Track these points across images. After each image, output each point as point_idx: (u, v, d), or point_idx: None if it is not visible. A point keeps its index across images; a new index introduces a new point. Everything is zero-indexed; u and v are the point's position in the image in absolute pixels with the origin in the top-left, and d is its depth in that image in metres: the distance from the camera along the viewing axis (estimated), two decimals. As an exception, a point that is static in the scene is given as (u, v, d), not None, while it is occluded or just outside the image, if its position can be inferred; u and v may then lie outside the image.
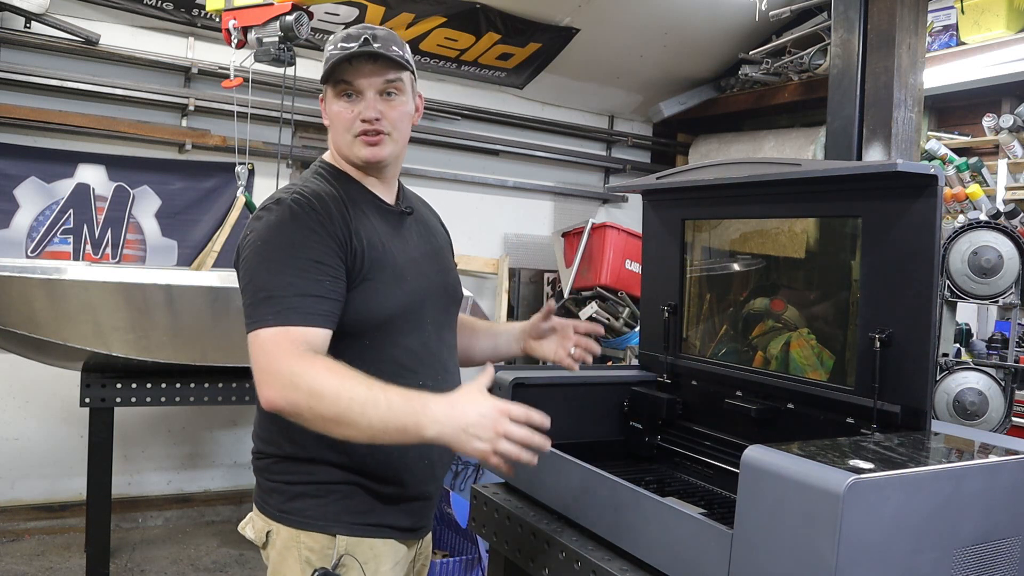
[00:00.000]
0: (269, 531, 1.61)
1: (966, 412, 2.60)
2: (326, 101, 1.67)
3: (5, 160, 4.30)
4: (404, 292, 1.60)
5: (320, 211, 1.53)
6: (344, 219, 1.55)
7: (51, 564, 3.94)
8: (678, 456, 2.08)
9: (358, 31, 1.62)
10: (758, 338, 2.06)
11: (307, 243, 1.49)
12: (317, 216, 1.52)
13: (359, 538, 1.57)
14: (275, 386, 1.39)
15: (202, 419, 4.87)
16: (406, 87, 1.66)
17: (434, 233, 1.83)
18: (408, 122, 1.68)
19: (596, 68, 5.69)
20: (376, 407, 1.34)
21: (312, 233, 1.50)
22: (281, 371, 1.38)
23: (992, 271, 2.56)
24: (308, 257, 1.48)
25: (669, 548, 1.42)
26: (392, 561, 1.62)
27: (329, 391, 1.35)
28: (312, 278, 1.46)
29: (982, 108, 4.73)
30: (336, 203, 1.57)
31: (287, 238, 1.49)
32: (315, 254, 1.48)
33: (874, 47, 3.04)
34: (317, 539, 1.56)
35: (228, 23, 2.82)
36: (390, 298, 1.58)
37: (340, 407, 1.35)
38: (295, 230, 1.50)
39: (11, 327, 3.15)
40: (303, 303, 1.44)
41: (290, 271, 1.46)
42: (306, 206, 1.53)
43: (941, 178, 1.49)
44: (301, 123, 4.98)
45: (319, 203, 1.54)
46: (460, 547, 3.68)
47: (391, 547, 1.62)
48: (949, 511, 1.25)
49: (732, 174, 1.79)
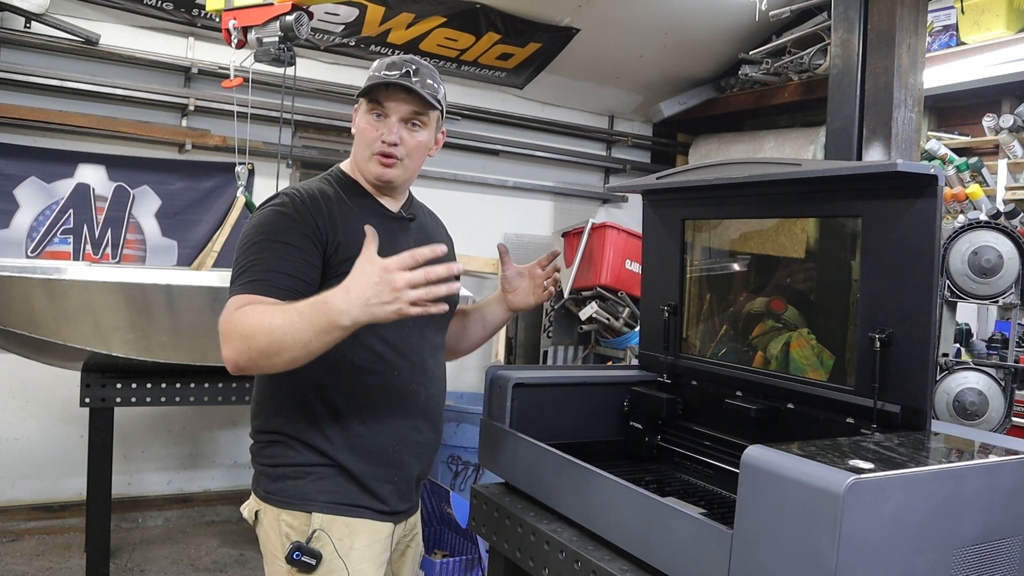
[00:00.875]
0: (258, 511, 1.77)
1: (966, 412, 2.60)
2: (358, 114, 1.81)
3: (5, 160, 4.30)
4: None
5: (307, 205, 1.68)
6: (331, 215, 1.69)
7: (51, 564, 3.94)
8: (678, 456, 2.09)
9: (403, 61, 1.76)
10: (758, 338, 2.06)
11: (284, 228, 1.63)
12: (303, 208, 1.67)
13: (334, 516, 1.70)
14: (224, 343, 1.53)
15: (202, 419, 4.87)
16: (430, 122, 1.80)
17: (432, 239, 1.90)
18: (423, 153, 1.83)
19: (596, 68, 5.69)
20: (293, 323, 1.45)
21: (292, 221, 1.64)
22: (225, 329, 1.53)
23: (992, 271, 2.56)
24: (281, 240, 1.62)
25: (669, 548, 1.42)
26: (368, 539, 1.74)
27: (257, 327, 1.48)
28: (280, 256, 1.61)
29: (982, 108, 4.73)
30: (327, 201, 1.72)
31: (269, 225, 1.65)
32: (288, 237, 1.62)
33: (874, 47, 3.04)
34: (296, 516, 1.70)
35: (228, 23, 2.82)
36: None
37: (271, 337, 1.47)
38: (277, 219, 1.65)
39: (11, 327, 3.15)
40: (266, 276, 1.59)
41: (262, 250, 1.62)
42: (296, 199, 1.69)
43: (941, 178, 1.49)
44: (301, 123, 4.98)
45: (310, 199, 1.69)
46: (460, 547, 3.68)
47: (367, 526, 1.74)
48: (949, 511, 1.25)
49: (732, 174, 1.79)
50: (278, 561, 1.71)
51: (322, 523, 1.69)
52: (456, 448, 4.37)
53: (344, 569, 1.69)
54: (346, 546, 1.70)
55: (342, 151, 5.14)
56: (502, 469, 1.98)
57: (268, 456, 1.75)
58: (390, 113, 1.74)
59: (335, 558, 1.68)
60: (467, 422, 4.34)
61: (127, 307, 3.21)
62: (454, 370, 5.57)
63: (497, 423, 2.00)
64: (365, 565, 1.72)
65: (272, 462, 1.74)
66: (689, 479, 2.03)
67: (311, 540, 1.68)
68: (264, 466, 1.76)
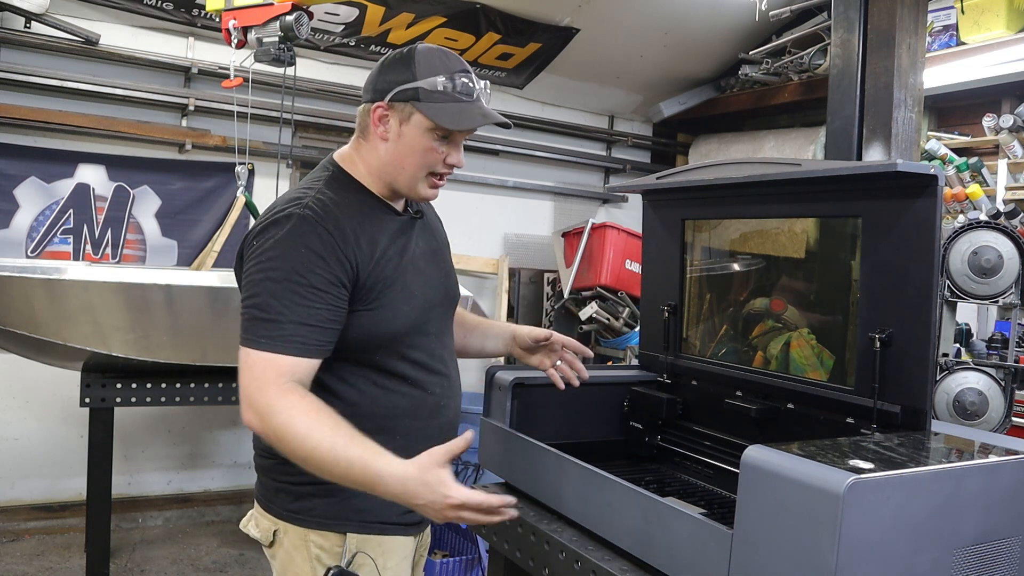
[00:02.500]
0: (276, 530, 1.62)
1: (966, 412, 2.60)
2: (408, 125, 1.57)
3: (5, 160, 4.29)
4: (412, 308, 1.61)
5: (329, 231, 1.50)
6: (355, 237, 1.53)
7: (51, 564, 3.94)
8: (678, 456, 2.08)
9: (468, 74, 1.59)
10: (758, 338, 2.06)
11: (312, 268, 1.47)
12: (326, 237, 1.50)
13: (368, 535, 1.60)
14: (252, 413, 1.44)
15: (202, 419, 4.87)
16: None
17: (436, 235, 1.83)
18: None
19: (596, 68, 5.69)
20: (335, 466, 1.38)
21: (318, 258, 1.48)
22: (261, 402, 1.42)
23: (992, 271, 2.56)
24: (311, 284, 1.47)
25: (669, 548, 1.42)
26: (400, 556, 1.65)
27: (294, 439, 1.39)
28: (311, 306, 1.46)
29: (982, 108, 4.73)
30: (347, 218, 1.54)
31: (292, 260, 1.48)
32: (318, 281, 1.47)
33: (874, 47, 3.04)
34: (328, 537, 1.59)
35: (228, 23, 2.82)
36: (399, 315, 1.58)
37: (301, 456, 1.40)
38: (301, 251, 1.48)
39: (11, 327, 3.14)
40: (298, 332, 1.45)
41: (292, 296, 1.46)
42: (316, 224, 1.50)
43: (941, 178, 1.49)
44: (301, 123, 4.98)
45: (330, 221, 1.51)
46: (460, 547, 3.68)
47: (398, 543, 1.65)
48: (949, 511, 1.25)
49: (732, 174, 1.79)
50: None
51: (358, 543, 1.58)
52: (456, 448, 4.36)
53: None
54: (381, 565, 1.61)
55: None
56: (502, 469, 1.98)
57: (289, 473, 1.56)
58: (461, 136, 1.61)
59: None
60: (467, 422, 4.33)
61: (127, 307, 3.21)
62: (454, 370, 5.57)
63: (497, 423, 2.00)
64: None
65: (295, 480, 1.57)
66: (689, 479, 2.03)
67: (352, 564, 1.56)
68: (284, 483, 1.61)
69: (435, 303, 1.70)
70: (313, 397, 1.44)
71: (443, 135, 1.57)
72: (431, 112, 1.54)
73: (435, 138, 1.57)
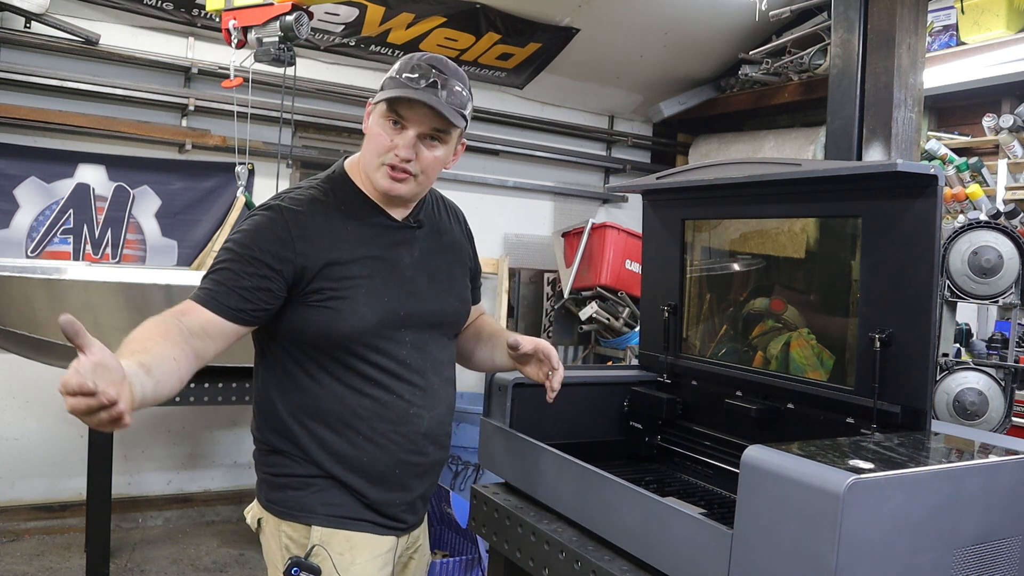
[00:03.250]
0: (260, 519, 1.73)
1: (966, 412, 2.60)
2: (372, 114, 1.65)
3: (5, 160, 4.29)
4: (375, 312, 1.63)
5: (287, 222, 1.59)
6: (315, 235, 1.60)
7: (51, 564, 3.94)
8: (678, 456, 2.09)
9: (429, 67, 1.60)
10: (758, 338, 2.06)
11: (253, 244, 1.57)
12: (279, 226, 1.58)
13: (334, 529, 1.64)
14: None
15: (202, 419, 4.87)
16: (451, 139, 1.66)
17: (445, 248, 1.80)
18: (439, 168, 1.68)
19: (596, 68, 5.69)
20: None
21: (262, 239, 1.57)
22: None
23: (992, 271, 2.56)
24: (244, 256, 1.56)
25: (669, 548, 1.42)
26: (370, 554, 1.67)
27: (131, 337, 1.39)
28: (235, 272, 1.55)
29: (982, 108, 4.73)
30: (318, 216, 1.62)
31: (244, 236, 1.59)
32: (258, 253, 1.56)
33: (874, 47, 3.04)
34: (296, 528, 1.65)
35: (228, 23, 2.82)
36: (356, 316, 1.61)
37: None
38: (253, 231, 1.59)
39: (11, 327, 3.14)
40: (211, 287, 1.55)
41: (225, 262, 1.57)
42: (279, 213, 1.60)
43: (941, 178, 1.49)
44: (301, 123, 4.98)
45: (292, 215, 1.60)
46: (460, 547, 3.68)
47: (369, 540, 1.67)
48: (949, 511, 1.25)
49: (732, 174, 1.79)
50: (279, 573, 1.65)
51: (322, 536, 1.63)
52: (456, 448, 4.37)
53: None
54: (347, 561, 1.63)
55: (342, 151, 5.13)
56: (502, 469, 1.98)
57: (269, 464, 1.69)
58: (409, 125, 1.59)
59: (334, 573, 1.62)
60: (467, 422, 4.34)
61: (127, 307, 3.21)
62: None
63: (497, 423, 2.00)
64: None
65: (273, 471, 1.68)
66: (689, 479, 2.03)
67: (310, 555, 1.62)
68: (266, 474, 1.70)
69: (415, 313, 1.69)
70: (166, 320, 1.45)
71: (395, 121, 1.60)
72: (377, 96, 1.62)
73: (388, 127, 1.61)
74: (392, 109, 1.59)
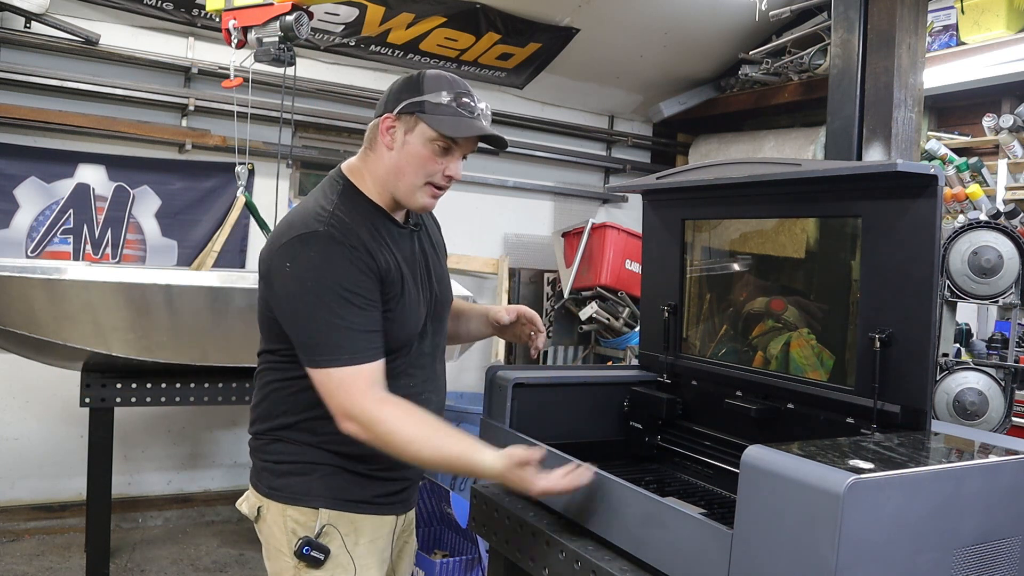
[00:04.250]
0: (260, 507, 1.76)
1: (966, 412, 2.60)
2: (411, 133, 1.67)
3: (5, 160, 4.30)
4: (417, 315, 1.75)
5: (356, 248, 1.63)
6: (371, 250, 1.65)
7: (51, 564, 3.94)
8: (678, 456, 2.09)
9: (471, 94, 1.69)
10: (758, 338, 2.06)
11: (357, 282, 1.61)
12: (356, 253, 1.62)
13: (340, 512, 1.72)
14: (354, 425, 1.59)
15: (202, 419, 4.87)
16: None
17: (434, 243, 1.92)
18: None
19: (596, 68, 5.69)
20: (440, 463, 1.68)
21: (356, 271, 1.61)
22: (362, 416, 1.59)
23: (992, 271, 2.56)
24: (362, 295, 1.61)
25: (669, 548, 1.42)
26: (372, 535, 1.76)
27: (402, 444, 1.59)
28: (368, 315, 1.62)
29: (982, 108, 4.73)
30: (363, 232, 1.66)
31: (338, 276, 1.60)
32: (363, 290, 1.62)
33: (874, 47, 3.04)
34: (303, 512, 1.71)
35: (228, 23, 2.82)
36: (409, 323, 1.72)
37: (408, 457, 1.61)
38: (339, 266, 1.61)
39: (11, 327, 3.14)
40: (368, 340, 1.61)
41: (350, 308, 1.60)
42: (343, 242, 1.62)
43: (941, 178, 1.49)
44: (301, 123, 4.98)
45: (354, 238, 1.64)
46: (460, 547, 3.68)
47: (371, 521, 1.76)
48: (949, 511, 1.25)
49: (732, 174, 1.79)
50: (284, 556, 1.71)
51: (329, 518, 1.70)
52: (456, 448, 4.36)
53: (351, 564, 1.71)
54: (352, 542, 1.72)
55: (342, 151, 5.14)
56: (502, 469, 1.98)
57: (272, 452, 1.75)
58: (457, 151, 1.71)
59: (343, 553, 1.70)
60: (467, 422, 4.34)
61: (127, 307, 3.21)
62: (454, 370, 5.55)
63: (497, 423, 2.00)
64: (370, 560, 1.75)
65: (276, 459, 1.74)
66: (689, 479, 2.03)
67: (320, 535, 1.69)
68: (268, 462, 1.76)
69: (431, 308, 1.82)
70: (405, 402, 1.62)
71: (444, 147, 1.68)
72: (434, 123, 1.65)
73: (436, 149, 1.67)
74: (450, 139, 1.67)
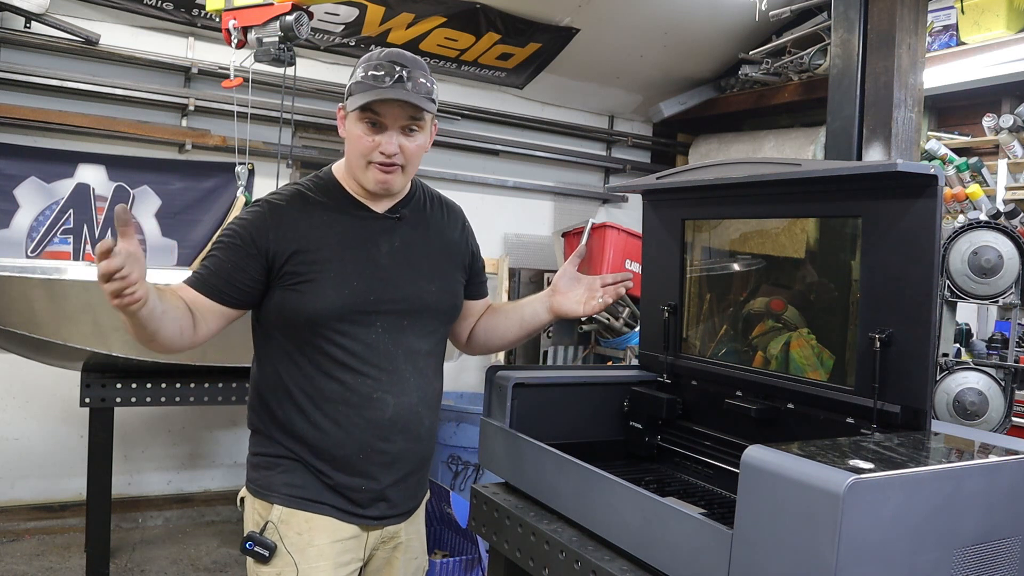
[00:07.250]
0: (242, 498, 1.83)
1: (966, 412, 2.60)
2: (347, 119, 1.76)
3: (5, 160, 4.29)
4: (342, 295, 1.71)
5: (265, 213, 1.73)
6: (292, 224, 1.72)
7: (51, 564, 3.94)
8: (678, 456, 2.08)
9: (391, 64, 1.69)
10: (758, 338, 2.06)
11: (236, 232, 1.71)
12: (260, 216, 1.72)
13: (294, 509, 1.72)
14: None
15: (202, 419, 4.87)
16: (426, 124, 1.77)
17: (432, 241, 1.87)
18: (421, 155, 1.80)
19: (596, 68, 5.69)
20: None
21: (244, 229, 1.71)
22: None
23: (992, 271, 2.56)
24: (232, 243, 1.70)
25: (669, 548, 1.42)
26: (330, 538, 1.73)
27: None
28: (219, 258, 1.70)
29: (982, 108, 4.73)
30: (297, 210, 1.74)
31: (233, 227, 1.74)
32: (239, 241, 1.70)
33: (874, 47, 3.04)
34: (264, 506, 1.75)
35: (228, 23, 2.82)
36: (320, 298, 1.70)
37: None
38: (243, 222, 1.73)
39: (11, 327, 3.14)
40: (203, 272, 1.70)
41: (215, 249, 1.73)
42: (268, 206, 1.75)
43: (941, 178, 1.49)
44: (301, 123, 4.98)
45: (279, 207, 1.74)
46: (460, 547, 3.68)
47: (329, 523, 1.74)
48: (949, 511, 1.25)
49: (732, 174, 1.79)
50: None
51: (281, 515, 1.72)
52: (456, 448, 4.37)
53: (293, 565, 1.70)
54: (304, 541, 1.71)
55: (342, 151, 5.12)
56: (502, 469, 1.98)
57: (251, 444, 1.83)
58: (387, 123, 1.70)
59: (285, 553, 1.70)
60: (467, 422, 4.34)
61: (127, 307, 3.20)
62: (454, 370, 5.57)
63: (497, 423, 2.00)
64: (322, 563, 1.71)
65: (253, 451, 1.82)
66: (689, 479, 2.03)
67: (264, 531, 1.71)
68: (249, 454, 1.83)
69: (389, 300, 1.76)
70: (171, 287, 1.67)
71: (371, 122, 1.70)
72: (351, 103, 1.72)
73: (365, 128, 1.71)
74: (367, 111, 1.69)
